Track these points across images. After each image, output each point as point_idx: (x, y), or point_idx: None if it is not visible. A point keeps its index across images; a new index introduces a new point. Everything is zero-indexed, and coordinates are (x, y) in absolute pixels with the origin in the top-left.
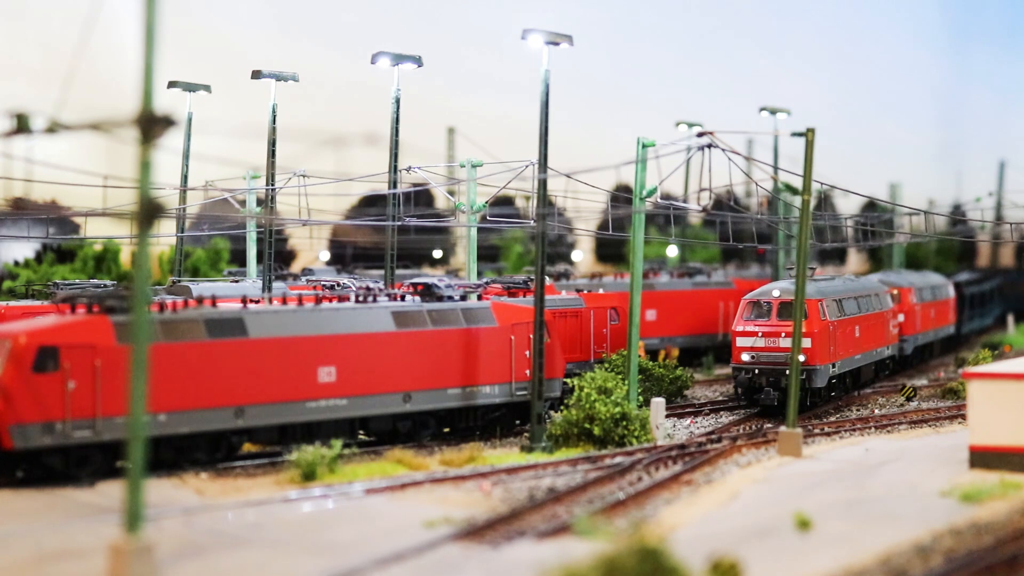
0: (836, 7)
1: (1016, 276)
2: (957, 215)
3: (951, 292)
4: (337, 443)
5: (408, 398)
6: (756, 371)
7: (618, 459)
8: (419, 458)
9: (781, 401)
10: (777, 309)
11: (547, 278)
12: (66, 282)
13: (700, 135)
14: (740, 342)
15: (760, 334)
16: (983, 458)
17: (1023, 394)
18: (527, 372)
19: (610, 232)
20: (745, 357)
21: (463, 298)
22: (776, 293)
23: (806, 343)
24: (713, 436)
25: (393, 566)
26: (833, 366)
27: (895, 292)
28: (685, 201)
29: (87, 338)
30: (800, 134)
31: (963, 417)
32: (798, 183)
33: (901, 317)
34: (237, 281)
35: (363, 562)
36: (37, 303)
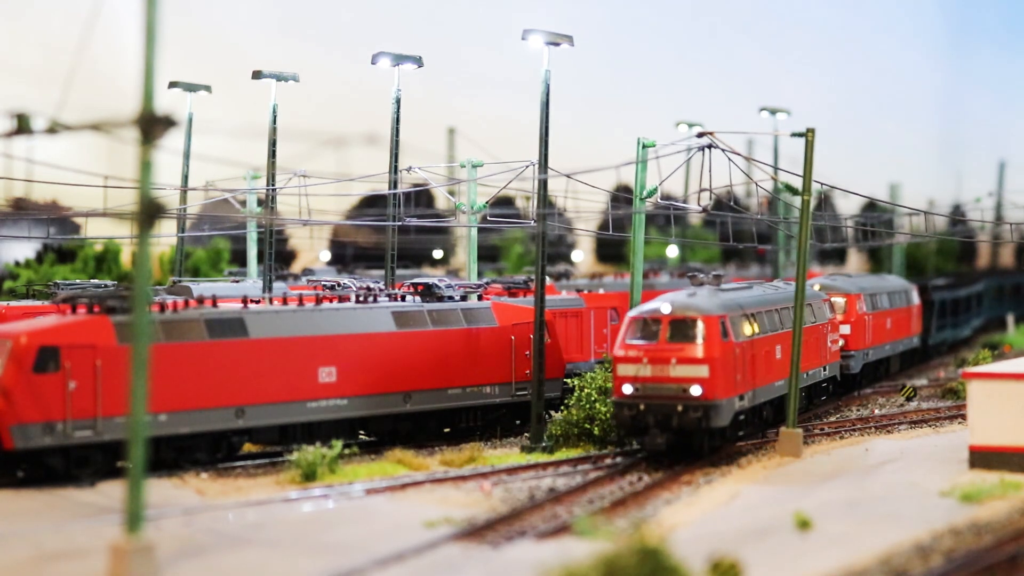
0: (836, 7)
1: (997, 280)
2: (957, 215)
3: (915, 298)
4: (337, 443)
5: (408, 398)
6: (641, 407)
7: (619, 459)
8: (419, 458)
9: (673, 445)
10: (667, 329)
11: (547, 278)
12: (67, 282)
13: (700, 135)
14: (621, 370)
15: (645, 360)
16: (983, 458)
17: (1023, 394)
18: (527, 372)
19: (610, 232)
20: (627, 389)
21: (463, 298)
22: (666, 308)
23: (701, 371)
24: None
25: (393, 566)
26: (741, 399)
27: (839, 300)
28: (685, 201)
29: (88, 338)
30: (800, 134)
31: (963, 417)
32: (798, 183)
33: (846, 329)
34: (238, 281)
35: (363, 562)
36: (38, 303)
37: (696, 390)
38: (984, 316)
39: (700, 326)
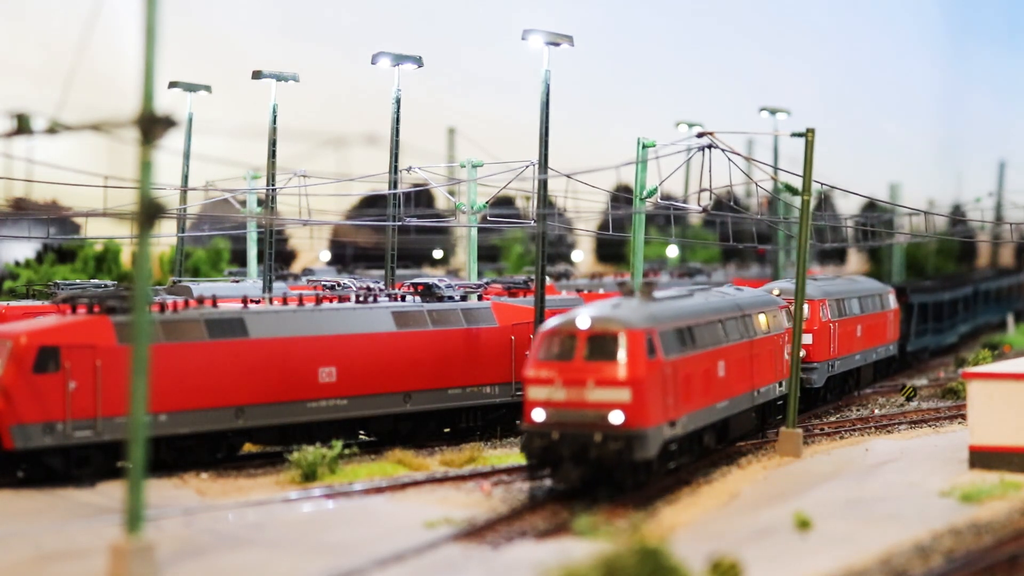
0: (836, 7)
1: (990, 282)
2: (957, 215)
3: (891, 302)
4: (337, 443)
5: (408, 398)
6: (554, 436)
7: None
8: (419, 458)
9: (590, 480)
10: (585, 345)
11: (547, 278)
12: (67, 282)
13: (700, 135)
14: (532, 393)
15: (559, 382)
16: (983, 458)
17: (1023, 394)
18: None
19: (610, 232)
20: (538, 416)
21: (463, 298)
22: (584, 322)
23: (622, 395)
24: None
25: (393, 567)
26: (672, 425)
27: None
28: (685, 201)
29: (88, 338)
30: (800, 134)
31: (963, 417)
32: (798, 183)
33: (807, 339)
34: (238, 281)
35: (363, 562)
36: (38, 303)
37: (617, 417)
38: (974, 320)
39: (622, 342)
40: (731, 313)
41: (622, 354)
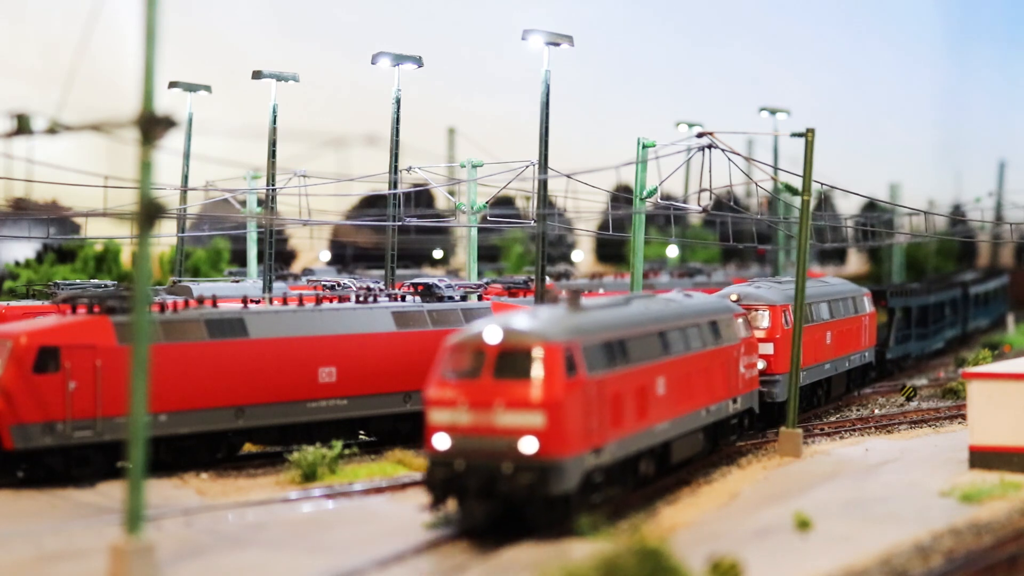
0: (836, 8)
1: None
2: (957, 215)
3: (867, 306)
4: (337, 443)
5: (408, 398)
6: (458, 466)
7: None
8: (419, 458)
9: (499, 517)
10: (495, 362)
11: (547, 278)
12: (67, 282)
13: (700, 135)
14: (435, 416)
15: (464, 404)
16: (983, 458)
17: (1023, 394)
18: None
19: (610, 232)
20: (441, 442)
21: (463, 298)
22: (494, 334)
23: (535, 420)
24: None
25: (393, 567)
26: (596, 453)
27: (761, 313)
28: (685, 201)
29: (88, 338)
30: (800, 134)
31: (963, 417)
32: (798, 183)
33: (768, 348)
34: (238, 281)
35: (363, 563)
36: (38, 303)
37: (529, 445)
38: (963, 325)
39: (537, 358)
40: (674, 323)
41: (536, 372)
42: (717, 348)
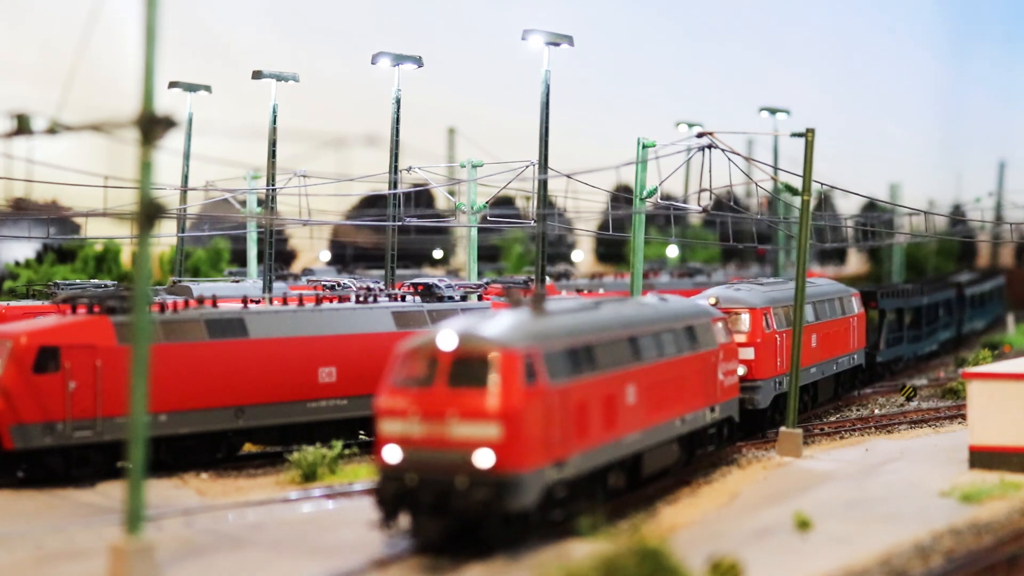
0: (836, 8)
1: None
2: (957, 215)
3: (855, 307)
4: (337, 443)
5: None
6: (409, 480)
7: None
8: None
9: (456, 532)
10: (449, 369)
11: (547, 278)
12: (67, 282)
13: (700, 135)
14: (386, 427)
15: (417, 414)
16: (983, 458)
17: (1023, 394)
18: None
19: (610, 232)
20: (392, 455)
21: (463, 298)
22: (448, 340)
23: (491, 431)
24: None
25: (393, 567)
26: (559, 467)
27: (741, 316)
28: (685, 201)
29: (88, 338)
30: (800, 134)
31: (963, 417)
32: (798, 183)
33: (748, 353)
34: (238, 281)
35: (363, 563)
36: (38, 303)
37: (485, 458)
38: (958, 327)
39: (494, 365)
40: (646, 328)
41: (493, 380)
42: (693, 354)
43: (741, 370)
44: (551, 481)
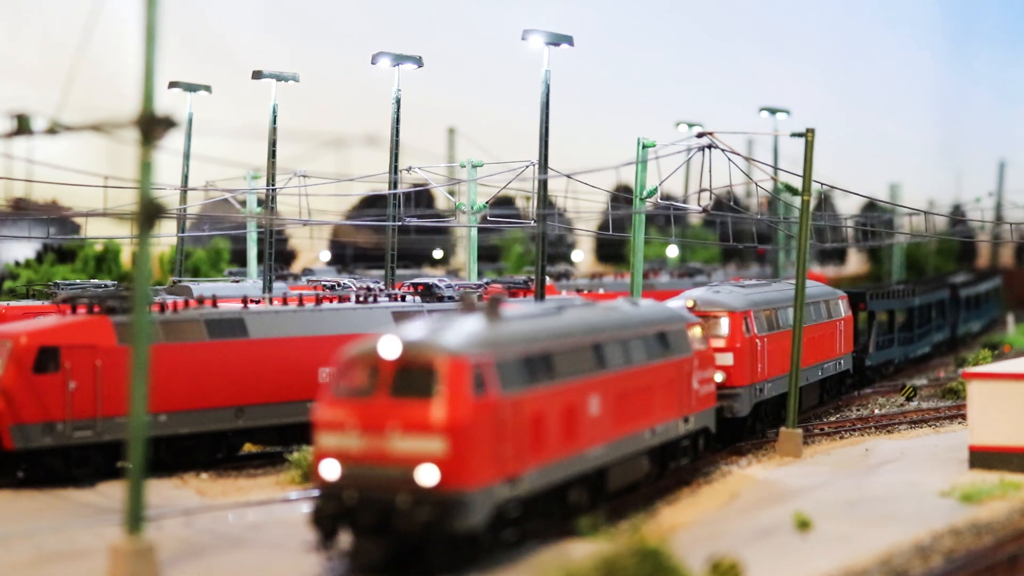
0: (836, 8)
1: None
2: (957, 215)
3: (842, 310)
4: None
5: None
6: (348, 498)
7: None
8: None
9: (397, 557)
10: (392, 378)
11: (547, 278)
12: (67, 282)
13: (700, 135)
14: (323, 440)
15: (357, 427)
16: (983, 458)
17: (1023, 394)
18: None
19: (610, 232)
20: (330, 471)
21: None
22: (391, 347)
23: (434, 446)
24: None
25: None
26: (512, 484)
27: (720, 320)
28: (685, 201)
29: (88, 338)
30: (800, 134)
31: (963, 417)
32: (798, 183)
33: (727, 359)
34: (238, 281)
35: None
36: (38, 303)
37: (428, 475)
38: (952, 328)
39: (440, 374)
40: (613, 334)
41: (438, 390)
42: (665, 362)
43: (719, 377)
44: (502, 499)
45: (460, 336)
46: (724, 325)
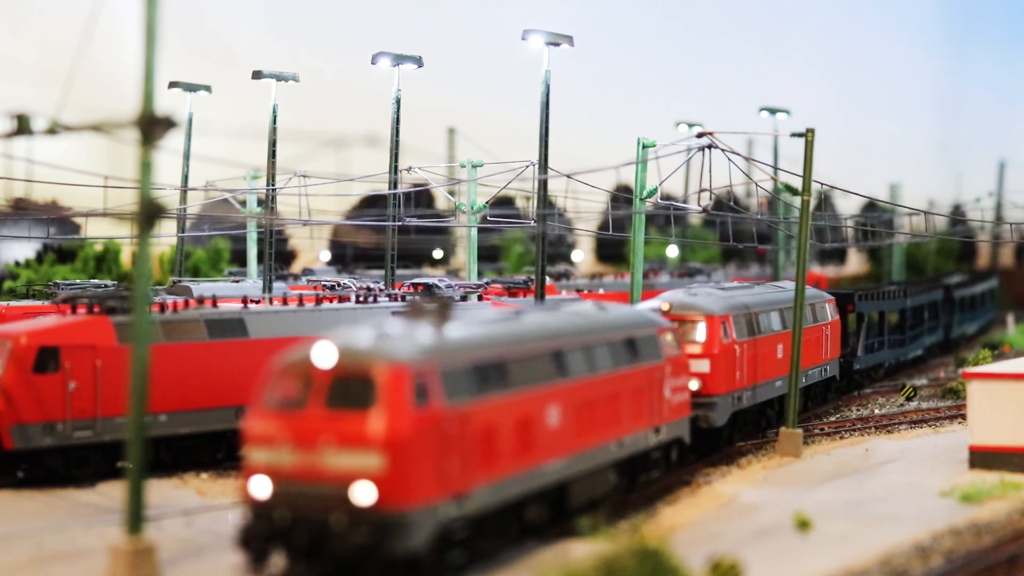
0: (836, 8)
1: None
2: (957, 215)
3: (829, 313)
4: None
5: None
6: (278, 518)
7: None
8: None
9: None
10: (328, 389)
11: (547, 278)
12: (67, 282)
13: (700, 135)
14: (253, 456)
15: (289, 442)
16: (983, 458)
17: (1023, 394)
18: None
19: (610, 232)
20: (260, 489)
21: (464, 298)
22: (326, 355)
23: (372, 461)
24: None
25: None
26: (459, 503)
27: (696, 325)
28: (685, 201)
29: (88, 338)
30: (800, 134)
31: (963, 417)
32: (798, 183)
33: (703, 366)
34: (238, 281)
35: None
36: (38, 303)
37: (365, 493)
38: (947, 331)
39: (377, 384)
40: (575, 339)
41: (375, 401)
42: (633, 369)
43: (694, 385)
44: (447, 519)
45: (402, 342)
46: (701, 330)
